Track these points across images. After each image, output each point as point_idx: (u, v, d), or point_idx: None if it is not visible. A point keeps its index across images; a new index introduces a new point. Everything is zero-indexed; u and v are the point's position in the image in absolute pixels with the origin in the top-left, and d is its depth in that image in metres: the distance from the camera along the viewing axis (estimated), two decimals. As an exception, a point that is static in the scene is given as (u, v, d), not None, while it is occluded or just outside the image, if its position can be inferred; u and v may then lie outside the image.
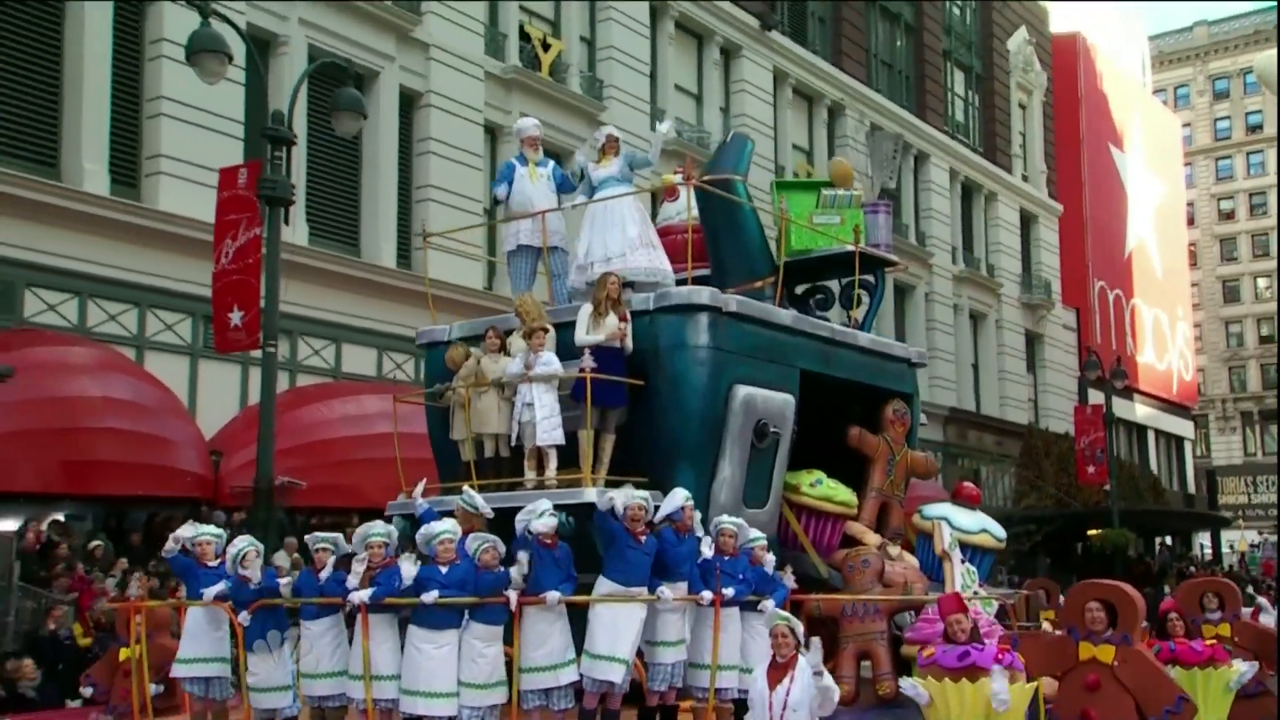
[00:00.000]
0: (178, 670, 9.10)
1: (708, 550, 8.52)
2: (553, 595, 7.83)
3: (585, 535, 8.95)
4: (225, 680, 8.84)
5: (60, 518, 17.17)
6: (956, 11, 44.64)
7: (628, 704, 8.78)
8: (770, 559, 8.95)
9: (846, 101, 37.24)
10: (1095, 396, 40.20)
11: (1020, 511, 38.35)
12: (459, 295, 21.92)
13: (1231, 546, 61.77)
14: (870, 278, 12.74)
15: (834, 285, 13.47)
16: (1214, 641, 9.54)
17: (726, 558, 8.53)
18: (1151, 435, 53.25)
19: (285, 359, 19.74)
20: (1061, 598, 24.43)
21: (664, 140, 11.93)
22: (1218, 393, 79.26)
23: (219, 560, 9.19)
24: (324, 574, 8.46)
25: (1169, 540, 47.24)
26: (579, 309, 10.04)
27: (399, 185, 23.91)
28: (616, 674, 7.92)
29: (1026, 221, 46.70)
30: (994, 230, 44.46)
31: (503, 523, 8.79)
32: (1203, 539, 51.85)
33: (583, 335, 9.69)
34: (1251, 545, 67.35)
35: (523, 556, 8.11)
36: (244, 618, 8.48)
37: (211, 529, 9.56)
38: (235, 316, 13.75)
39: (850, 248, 12.02)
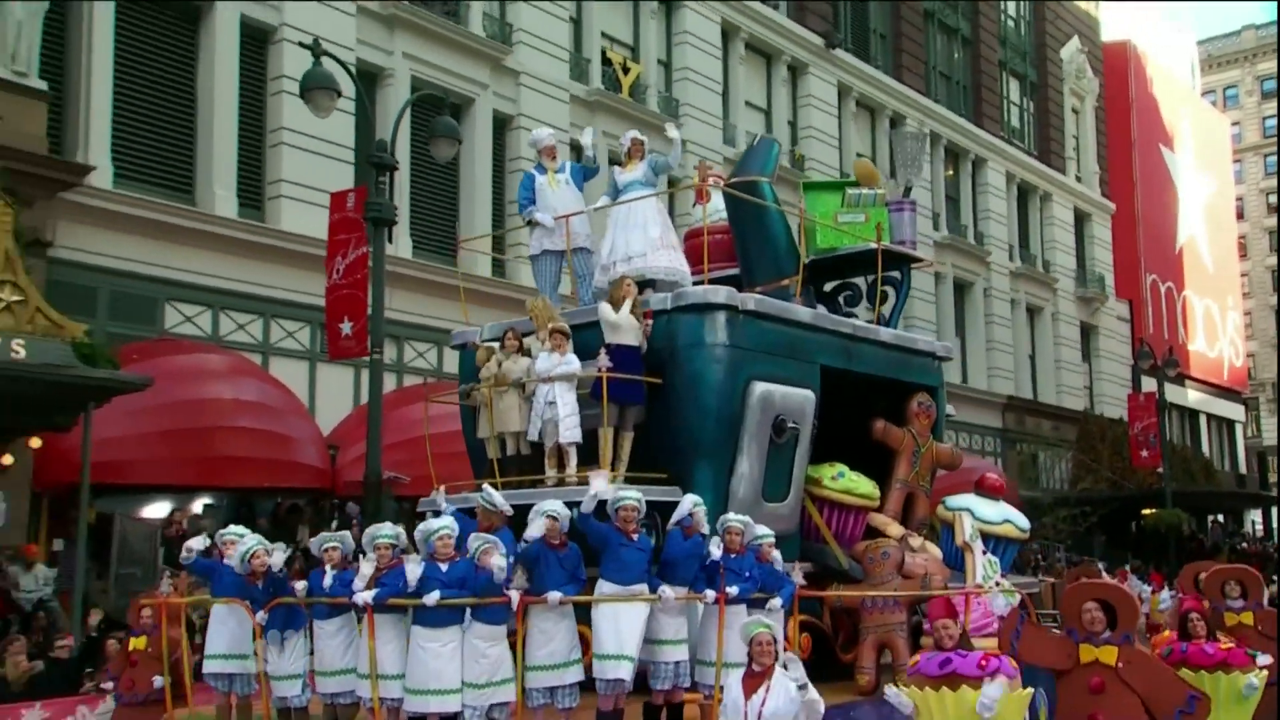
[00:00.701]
0: (206, 666, 8.79)
1: (717, 551, 7.96)
2: (554, 595, 7.41)
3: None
4: (248, 676, 8.44)
5: (198, 509, 17.60)
6: (1011, 24, 44.02)
7: (632, 697, 8.30)
8: (778, 555, 8.40)
9: (907, 112, 36.87)
10: (1148, 384, 39.47)
11: (1076, 494, 37.74)
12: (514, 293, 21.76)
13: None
14: (896, 274, 12.18)
15: (862, 282, 12.87)
16: (1231, 645, 8.47)
17: (733, 555, 7.96)
18: (1203, 419, 52.11)
19: (392, 361, 20.05)
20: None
21: (679, 142, 11.25)
22: (1268, 376, 77.19)
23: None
24: (334, 572, 8.07)
25: (1221, 518, 46.12)
26: (597, 308, 9.59)
27: (493, 201, 24.09)
28: (625, 671, 7.49)
29: (1080, 220, 45.91)
30: (1049, 229, 43.79)
31: (523, 520, 8.38)
32: (1254, 516, 50.63)
33: (614, 332, 9.24)
34: (1300, 522, 66.00)
35: (501, 561, 7.47)
36: (260, 617, 8.14)
37: (236, 529, 9.12)
38: (346, 326, 13.91)
39: (886, 247, 11.54)
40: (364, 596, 7.54)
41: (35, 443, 13.49)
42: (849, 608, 9.86)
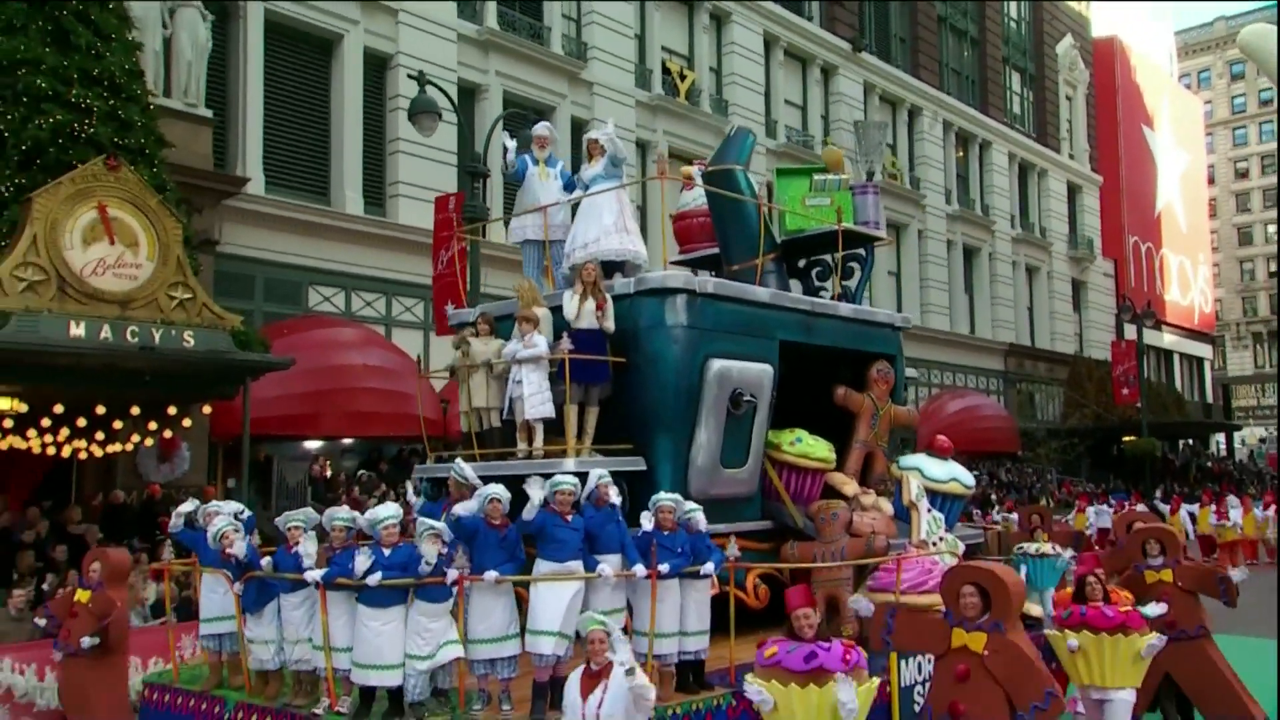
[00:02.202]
0: (201, 629, 7.92)
1: (648, 524, 6.93)
2: (490, 574, 6.47)
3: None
4: (235, 635, 7.57)
5: (337, 454, 17.87)
6: (1013, 25, 42.83)
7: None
8: (702, 524, 7.22)
9: (923, 104, 36.17)
10: (1130, 331, 38.77)
11: (1067, 427, 37.32)
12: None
13: (1243, 442, 59.30)
14: (861, 251, 11.16)
15: (831, 258, 11.58)
16: (1129, 608, 7.34)
17: (665, 532, 6.91)
18: (1177, 358, 51.01)
19: (488, 332, 20.19)
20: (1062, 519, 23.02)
21: (612, 134, 9.69)
22: (1233, 318, 76.06)
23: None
24: (297, 550, 7.05)
25: (1190, 441, 45.26)
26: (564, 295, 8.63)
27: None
28: (546, 647, 6.48)
29: (1072, 191, 44.81)
30: (1045, 200, 42.82)
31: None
32: (1219, 438, 49.60)
33: (571, 318, 8.34)
34: (1260, 440, 64.78)
35: (432, 551, 6.53)
36: (236, 588, 7.31)
37: (217, 504, 8.13)
38: (449, 309, 13.99)
39: (846, 228, 10.46)
40: (313, 575, 6.70)
41: (206, 409, 13.76)
42: (804, 561, 8.72)
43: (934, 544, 8.80)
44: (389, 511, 6.71)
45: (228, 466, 15.78)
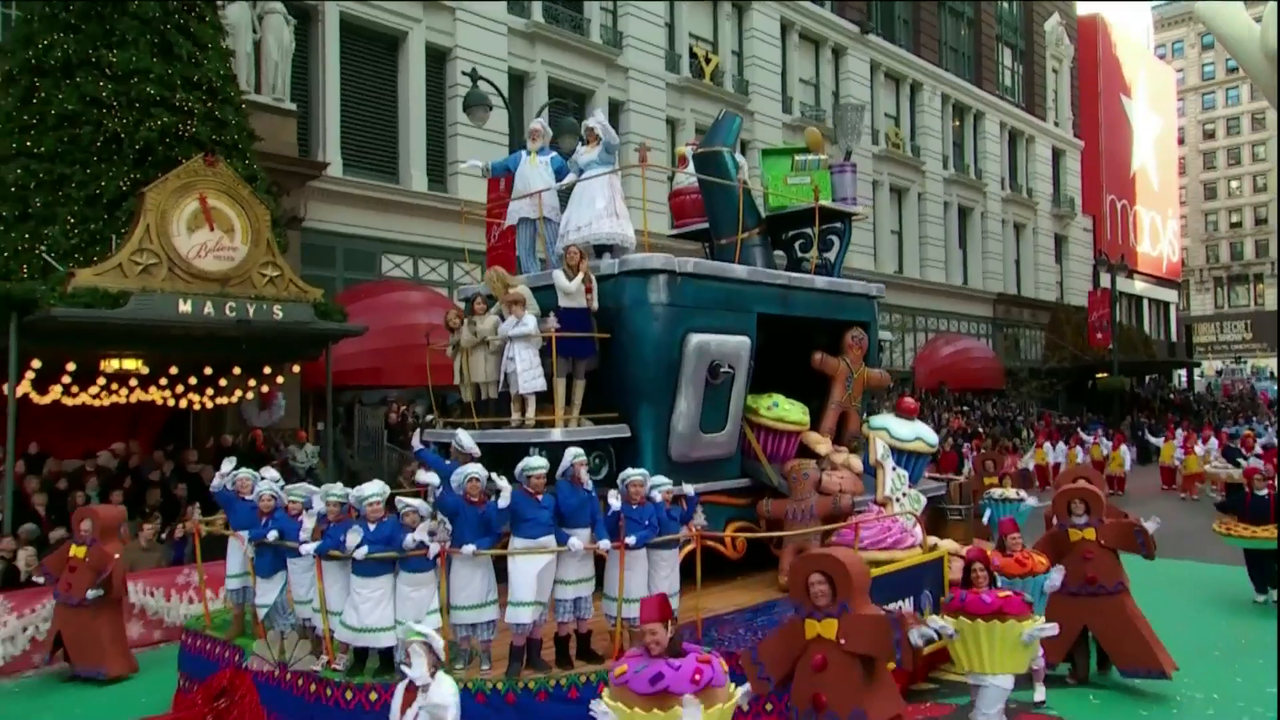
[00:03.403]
0: (226, 584, 7.75)
1: (615, 503, 6.52)
2: (469, 548, 6.19)
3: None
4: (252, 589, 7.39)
5: (409, 400, 17.87)
6: (1005, 5, 41.34)
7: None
8: (658, 498, 6.78)
9: (923, 79, 35.21)
10: (1105, 281, 38.03)
11: (1047, 367, 36.87)
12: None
13: (1203, 375, 58.54)
14: (839, 224, 10.59)
15: (812, 230, 10.97)
16: (1007, 594, 6.45)
17: (634, 506, 6.54)
18: (1146, 303, 49.86)
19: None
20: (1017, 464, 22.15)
21: (605, 122, 9.23)
22: (1197, 265, 74.68)
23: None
24: (301, 520, 6.85)
25: (1156, 376, 44.56)
26: (554, 274, 8.21)
27: (609, 170, 23.89)
28: (525, 616, 6.21)
29: (1057, 155, 43.57)
30: (1032, 164, 41.69)
31: (494, 456, 7.36)
32: (1181, 373, 48.75)
33: (563, 298, 7.96)
34: (1217, 372, 64.18)
35: (422, 527, 6.30)
36: (248, 549, 7.16)
37: (245, 471, 7.73)
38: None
39: (822, 204, 10.08)
40: (308, 549, 6.50)
41: (295, 368, 14.02)
42: (776, 517, 8.54)
43: (898, 500, 8.58)
44: (374, 490, 6.45)
45: (317, 412, 15.99)
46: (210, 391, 13.25)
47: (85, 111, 11.88)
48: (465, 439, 7.24)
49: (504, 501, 6.34)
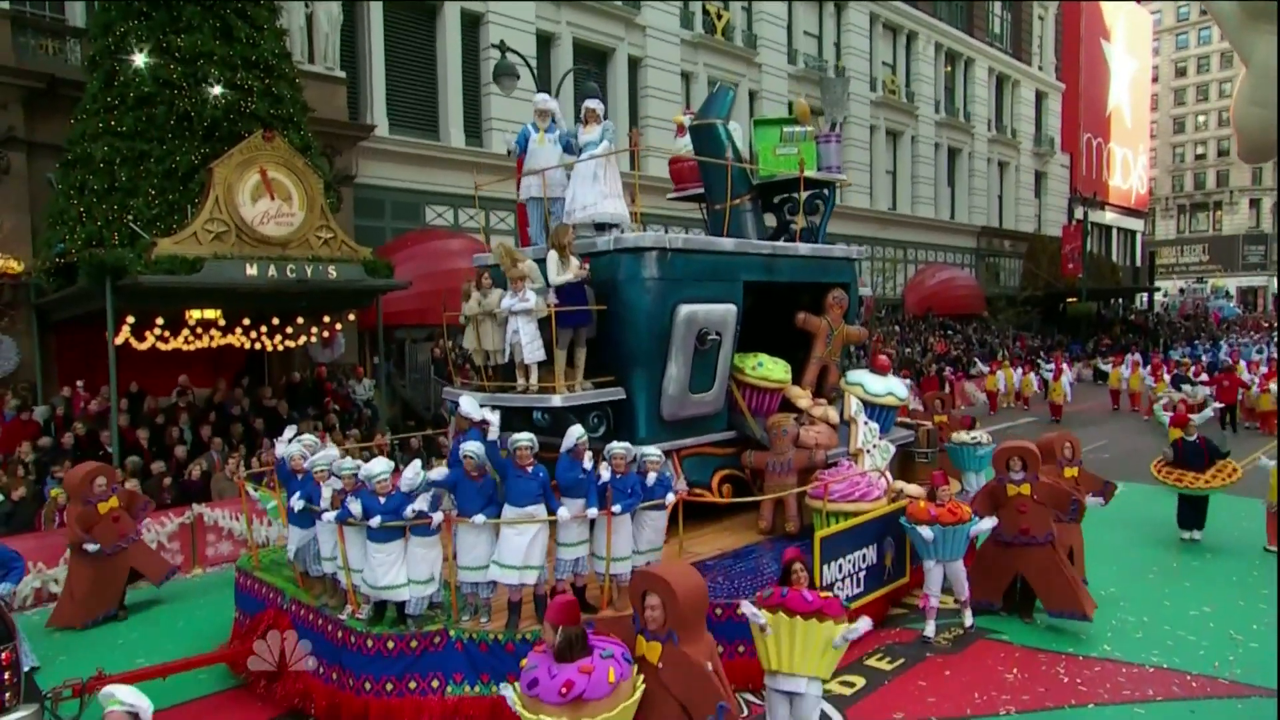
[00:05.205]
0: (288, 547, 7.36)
1: (606, 474, 6.44)
2: (478, 518, 6.15)
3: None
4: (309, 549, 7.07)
5: (453, 338, 18.06)
6: (998, -43, 39.41)
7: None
8: (650, 470, 6.62)
9: (919, 29, 33.80)
10: (1079, 214, 37.17)
11: (1024, 295, 36.42)
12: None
13: (1165, 294, 57.84)
14: (825, 191, 10.18)
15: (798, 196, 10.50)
16: (828, 595, 5.35)
17: (619, 475, 6.46)
18: (1115, 232, 48.57)
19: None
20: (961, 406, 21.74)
21: (597, 104, 8.84)
22: (1163, 193, 72.36)
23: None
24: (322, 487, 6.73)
25: (1121, 299, 43.93)
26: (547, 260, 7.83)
27: (629, 120, 23.35)
28: (511, 578, 6.17)
29: (1040, 98, 41.93)
30: (1017, 106, 40.16)
31: (502, 418, 7.01)
32: (1142, 296, 48.00)
33: (554, 277, 7.69)
34: (1180, 290, 63.27)
35: (421, 496, 6.22)
36: (296, 501, 6.90)
37: (297, 449, 7.24)
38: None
39: (808, 173, 9.68)
40: (329, 517, 6.44)
41: (351, 316, 14.23)
42: (758, 468, 8.39)
43: (869, 451, 8.48)
44: (381, 468, 6.28)
45: (373, 349, 16.11)
46: (279, 337, 13.51)
47: (159, 92, 11.73)
48: (467, 405, 6.94)
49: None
